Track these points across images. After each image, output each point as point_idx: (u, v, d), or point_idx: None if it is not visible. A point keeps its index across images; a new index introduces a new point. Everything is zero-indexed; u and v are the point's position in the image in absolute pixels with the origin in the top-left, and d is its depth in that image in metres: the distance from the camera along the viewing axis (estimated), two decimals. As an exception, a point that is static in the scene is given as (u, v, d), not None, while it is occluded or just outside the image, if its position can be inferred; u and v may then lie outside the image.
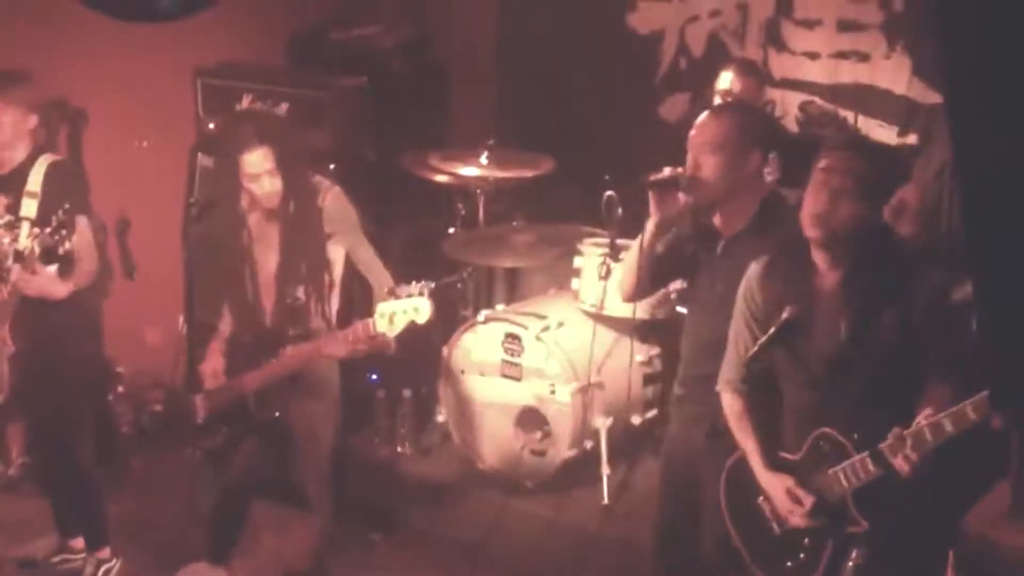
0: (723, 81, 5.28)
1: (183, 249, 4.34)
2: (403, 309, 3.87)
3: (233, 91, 5.71)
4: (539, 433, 5.09)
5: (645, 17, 6.13)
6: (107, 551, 4.77)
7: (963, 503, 3.68)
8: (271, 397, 4.20)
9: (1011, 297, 1.69)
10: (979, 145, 1.64)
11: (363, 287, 4.54)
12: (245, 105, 5.66)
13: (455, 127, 6.53)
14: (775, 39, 5.76)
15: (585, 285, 5.14)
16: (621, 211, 4.91)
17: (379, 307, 3.91)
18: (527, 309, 5.32)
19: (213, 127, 5.57)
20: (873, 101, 5.53)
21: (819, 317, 3.31)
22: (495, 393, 5.15)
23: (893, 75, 5.46)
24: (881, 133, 5.52)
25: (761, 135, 3.68)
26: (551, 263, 5.47)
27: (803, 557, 3.37)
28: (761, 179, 3.70)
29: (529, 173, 5.62)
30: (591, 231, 5.29)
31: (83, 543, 4.78)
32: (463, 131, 6.39)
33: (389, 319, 3.88)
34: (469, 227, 5.70)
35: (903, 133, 5.47)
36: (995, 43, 1.58)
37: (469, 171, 5.53)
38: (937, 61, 4.67)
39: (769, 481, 3.41)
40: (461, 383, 5.24)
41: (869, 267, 3.27)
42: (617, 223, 4.96)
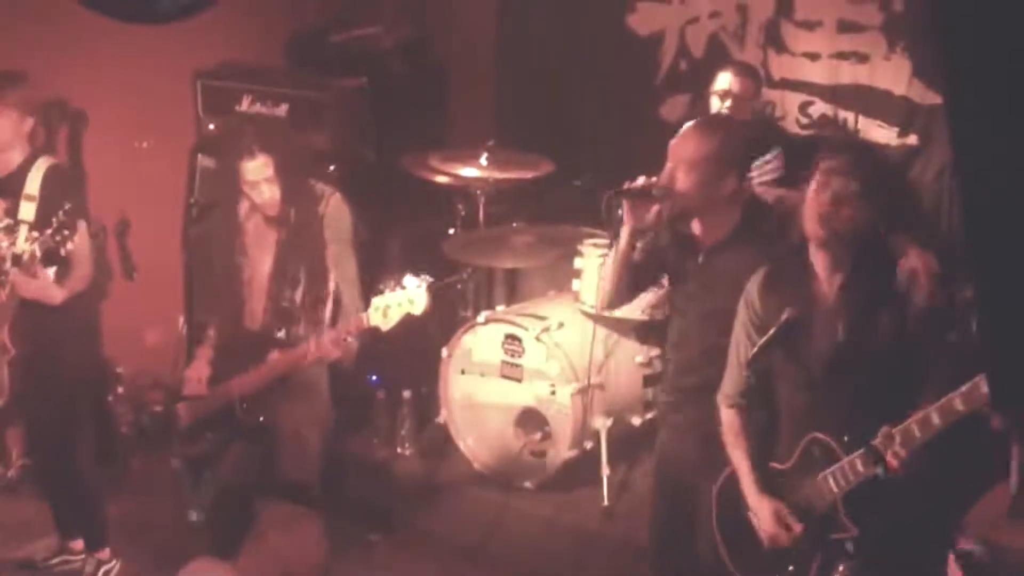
0: (721, 82, 5.29)
1: (183, 250, 4.35)
2: (398, 302, 3.85)
3: (233, 92, 5.71)
4: (539, 434, 5.09)
5: (645, 18, 6.13)
6: (107, 552, 4.77)
7: (962, 503, 3.68)
8: (258, 401, 4.20)
9: (1011, 297, 1.69)
10: (979, 145, 1.64)
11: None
12: (245, 106, 5.66)
13: (455, 128, 6.53)
14: (775, 40, 5.76)
15: (585, 286, 5.13)
16: (621, 212, 4.91)
17: (373, 301, 3.90)
18: (527, 310, 5.32)
19: (213, 128, 5.57)
20: (873, 102, 5.53)
21: (817, 319, 3.31)
22: (495, 394, 5.15)
23: (893, 76, 5.46)
24: (881, 134, 5.52)
25: (739, 158, 3.65)
26: (551, 264, 5.47)
27: (791, 570, 3.36)
28: (740, 192, 3.66)
29: (529, 174, 5.62)
30: (591, 232, 5.29)
31: (83, 544, 4.79)
32: (463, 132, 6.39)
33: (383, 312, 3.86)
34: (469, 228, 5.70)
35: (903, 134, 5.47)
36: (995, 43, 1.58)
37: (469, 172, 5.53)
38: (937, 62, 4.66)
39: (759, 504, 3.40)
40: (461, 384, 5.24)
41: (868, 269, 3.26)
42: (617, 224, 4.96)
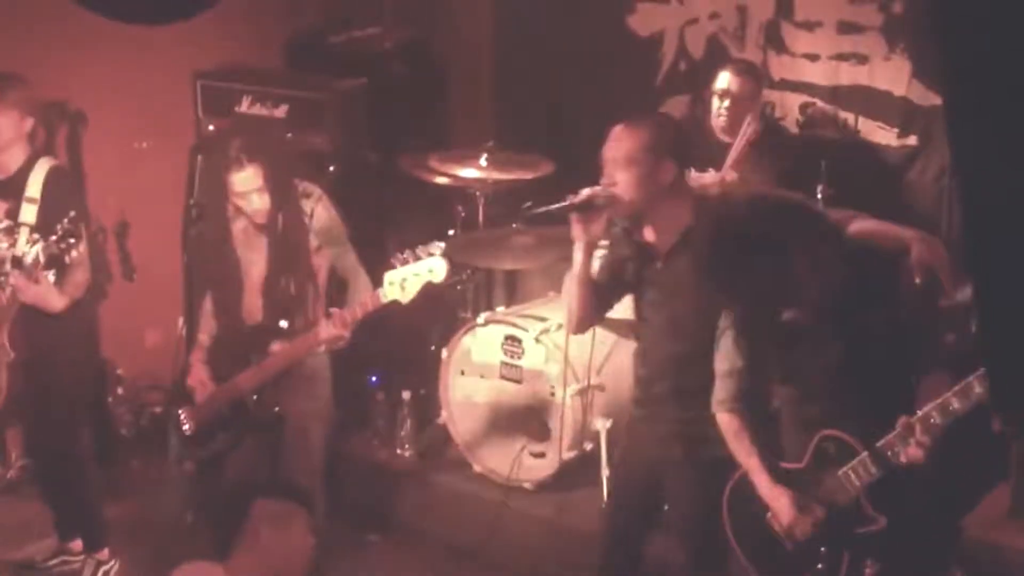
0: (721, 81, 5.29)
1: (183, 251, 4.35)
2: (415, 272, 3.80)
3: (232, 93, 5.71)
4: (539, 435, 5.09)
5: (644, 19, 6.12)
6: (106, 552, 4.77)
7: (964, 504, 3.68)
8: (269, 394, 4.20)
9: (1011, 299, 1.69)
10: (978, 146, 1.64)
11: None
12: (244, 107, 5.66)
13: (454, 129, 6.53)
14: (775, 41, 5.75)
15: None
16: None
17: (387, 275, 3.85)
18: (527, 311, 5.32)
19: (212, 129, 5.57)
20: (873, 103, 5.53)
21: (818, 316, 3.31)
22: (495, 395, 5.15)
23: (893, 77, 5.46)
24: (881, 135, 5.53)
25: (671, 144, 3.62)
26: (551, 265, 5.46)
27: (821, 568, 3.34)
28: (685, 186, 3.64)
29: (528, 175, 5.61)
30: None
31: (82, 545, 4.79)
32: (462, 133, 6.38)
33: (400, 286, 3.81)
34: (468, 229, 5.70)
35: (903, 135, 5.47)
36: (995, 44, 1.58)
37: (468, 173, 5.52)
38: (936, 63, 4.67)
39: (774, 495, 3.37)
40: (461, 385, 5.23)
41: (859, 268, 3.26)
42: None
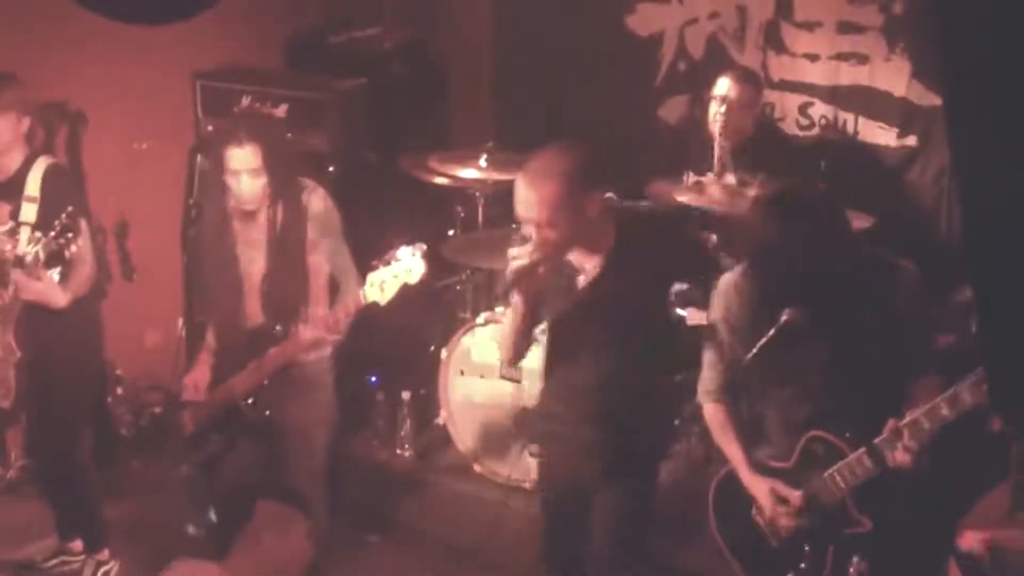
0: (720, 87, 5.29)
1: (182, 251, 4.34)
2: (393, 274, 3.81)
3: (232, 93, 5.71)
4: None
5: (644, 19, 6.13)
6: (106, 553, 4.77)
7: (963, 504, 3.68)
8: (262, 396, 4.19)
9: (1011, 298, 1.69)
10: (978, 146, 1.64)
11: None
12: (244, 106, 5.66)
13: (454, 129, 6.53)
14: (775, 41, 5.75)
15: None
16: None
17: (369, 277, 3.87)
18: (526, 311, 5.31)
19: (212, 129, 5.57)
20: (873, 103, 5.53)
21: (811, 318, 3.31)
22: (494, 395, 5.15)
23: (893, 77, 5.46)
24: (880, 135, 5.53)
25: (588, 179, 3.43)
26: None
27: (804, 567, 3.35)
28: (607, 208, 3.55)
29: (528, 175, 5.60)
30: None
31: (82, 545, 4.79)
32: (462, 133, 6.39)
33: (380, 287, 3.83)
34: (468, 230, 5.70)
35: (903, 135, 5.47)
36: (995, 44, 1.58)
37: (468, 173, 5.52)
38: (936, 63, 4.67)
39: (754, 485, 3.40)
40: (460, 385, 5.23)
41: (851, 269, 3.27)
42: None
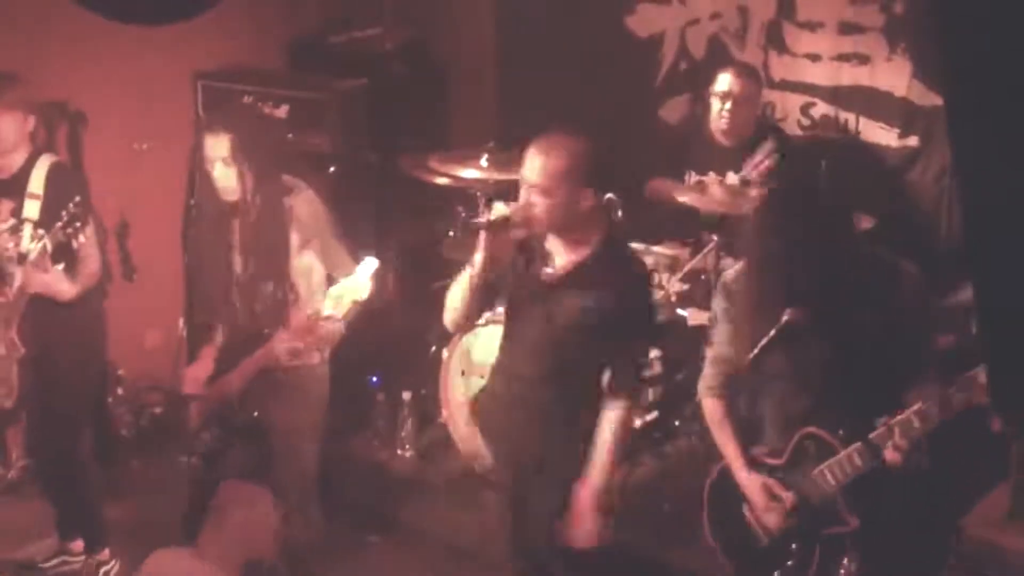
0: (721, 83, 5.29)
1: (183, 251, 4.34)
2: (349, 287, 3.85)
3: (232, 93, 5.71)
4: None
5: (644, 19, 6.12)
6: (106, 553, 4.77)
7: (963, 504, 3.69)
8: (248, 398, 4.20)
9: (1011, 298, 1.69)
10: (978, 146, 1.64)
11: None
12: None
13: (455, 129, 6.53)
14: (776, 41, 5.75)
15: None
16: (621, 213, 4.91)
17: (329, 291, 3.90)
18: (527, 311, 5.31)
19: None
20: (874, 103, 5.52)
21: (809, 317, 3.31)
22: (495, 395, 5.14)
23: (894, 77, 5.45)
24: (881, 135, 5.52)
25: (591, 171, 3.55)
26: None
27: (791, 564, 3.36)
28: (603, 215, 3.61)
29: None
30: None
31: (82, 545, 4.79)
32: (462, 133, 6.39)
33: (336, 301, 3.86)
34: (468, 230, 5.69)
35: (904, 135, 5.47)
36: (995, 44, 1.58)
37: (469, 173, 5.51)
38: (937, 63, 4.67)
39: (747, 481, 3.42)
40: (461, 385, 5.23)
41: (852, 269, 3.27)
42: (617, 226, 4.96)
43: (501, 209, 3.55)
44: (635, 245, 5.21)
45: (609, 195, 4.80)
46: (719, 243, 4.90)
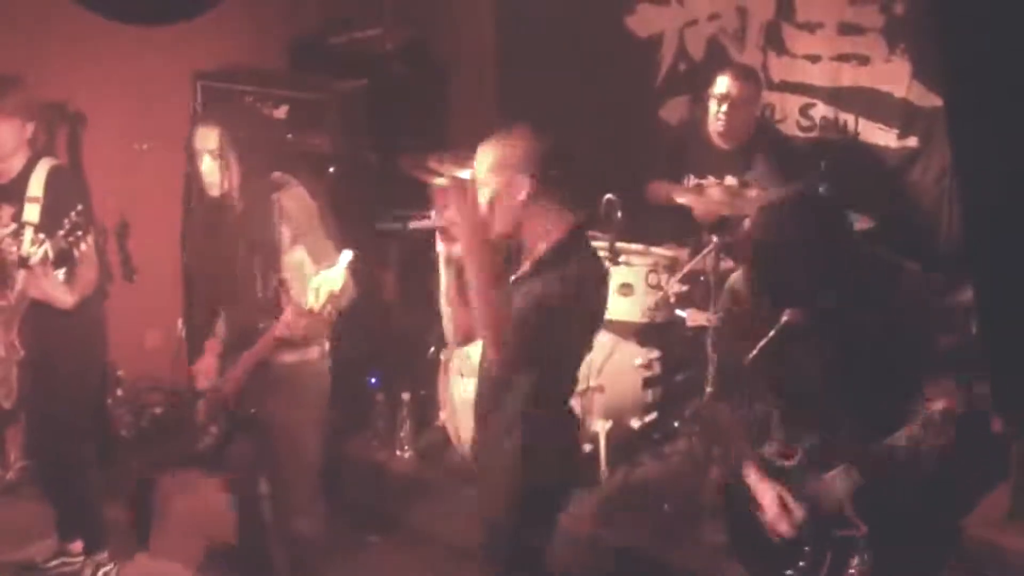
0: (720, 86, 5.29)
1: (182, 252, 4.34)
2: (327, 279, 3.87)
3: (232, 94, 5.71)
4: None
5: (644, 20, 6.13)
6: (106, 554, 4.77)
7: (963, 505, 3.68)
8: (250, 396, 4.20)
9: (1011, 299, 1.69)
10: (978, 146, 1.65)
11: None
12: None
13: (455, 130, 6.53)
14: (775, 42, 5.75)
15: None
16: (621, 214, 4.91)
17: (311, 282, 3.92)
18: (527, 312, 5.31)
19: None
20: (874, 104, 5.52)
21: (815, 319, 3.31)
22: (495, 396, 5.14)
23: (893, 78, 5.45)
24: (881, 136, 5.52)
25: (526, 161, 3.56)
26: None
27: (803, 566, 3.36)
28: (548, 208, 3.54)
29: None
30: (590, 234, 5.28)
31: (82, 546, 4.78)
32: (462, 133, 6.38)
33: (315, 293, 3.88)
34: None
35: (903, 136, 5.47)
36: (995, 44, 1.58)
37: (468, 174, 5.51)
38: (937, 63, 4.67)
39: (760, 488, 3.41)
40: (460, 386, 5.23)
41: (852, 270, 3.27)
42: (617, 226, 4.96)
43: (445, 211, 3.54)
44: (635, 246, 5.26)
45: (609, 196, 4.81)
46: (718, 244, 4.90)
